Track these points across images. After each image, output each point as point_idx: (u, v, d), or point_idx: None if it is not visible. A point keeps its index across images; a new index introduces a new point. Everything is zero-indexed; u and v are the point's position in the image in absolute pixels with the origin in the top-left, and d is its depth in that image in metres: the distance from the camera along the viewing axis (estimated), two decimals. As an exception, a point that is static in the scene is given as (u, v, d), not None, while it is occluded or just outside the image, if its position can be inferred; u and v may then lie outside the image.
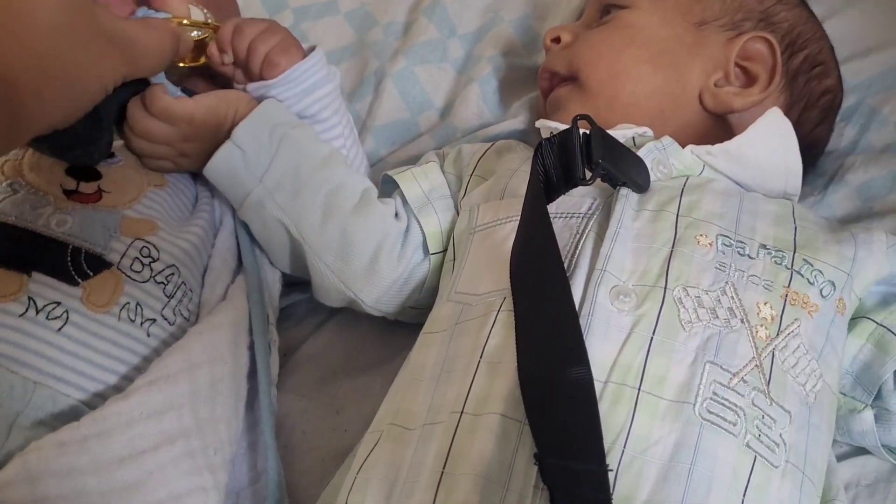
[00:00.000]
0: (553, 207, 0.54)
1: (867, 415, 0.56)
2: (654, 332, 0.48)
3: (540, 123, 0.66)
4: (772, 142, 0.62)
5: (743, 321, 0.49)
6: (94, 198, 0.58)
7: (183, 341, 0.55)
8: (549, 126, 0.64)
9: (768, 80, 0.65)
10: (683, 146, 0.60)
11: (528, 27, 0.88)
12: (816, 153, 0.72)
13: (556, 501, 0.43)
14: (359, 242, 0.64)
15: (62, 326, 0.52)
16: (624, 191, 0.54)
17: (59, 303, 0.52)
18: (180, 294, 0.59)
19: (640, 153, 0.57)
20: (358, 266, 0.64)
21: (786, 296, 0.51)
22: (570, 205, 0.56)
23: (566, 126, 0.53)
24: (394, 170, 0.70)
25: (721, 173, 0.60)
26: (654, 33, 0.68)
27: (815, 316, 0.52)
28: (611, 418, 0.45)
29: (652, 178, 0.56)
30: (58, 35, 0.42)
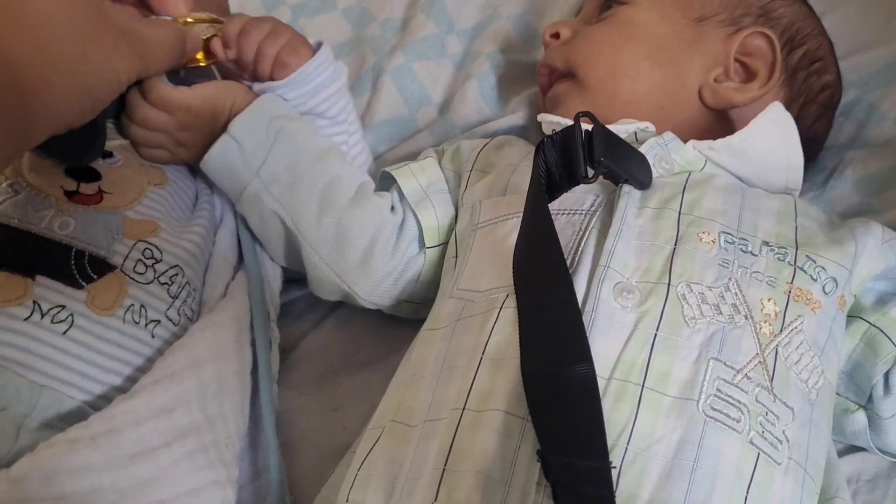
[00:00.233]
0: (556, 204, 0.54)
1: (860, 416, 0.57)
2: (657, 329, 0.48)
3: (541, 117, 0.66)
4: (773, 136, 0.61)
5: (747, 317, 0.49)
6: (96, 199, 0.58)
7: (185, 339, 0.55)
8: (551, 120, 0.64)
9: (768, 76, 0.65)
10: (684, 142, 0.60)
11: (526, 23, 0.88)
12: (815, 148, 0.72)
13: (559, 498, 0.43)
14: (354, 235, 0.64)
15: (67, 330, 0.52)
16: (626, 188, 0.54)
17: (63, 306, 0.52)
18: (185, 294, 0.59)
19: (641, 149, 0.57)
20: (352, 258, 0.64)
21: (789, 292, 0.51)
22: (573, 201, 0.56)
23: (568, 119, 0.52)
24: (391, 166, 0.70)
25: (723, 168, 0.60)
26: (653, 29, 0.68)
27: (818, 312, 0.52)
28: (614, 415, 0.45)
29: (654, 174, 0.56)
30: (61, 25, 0.42)
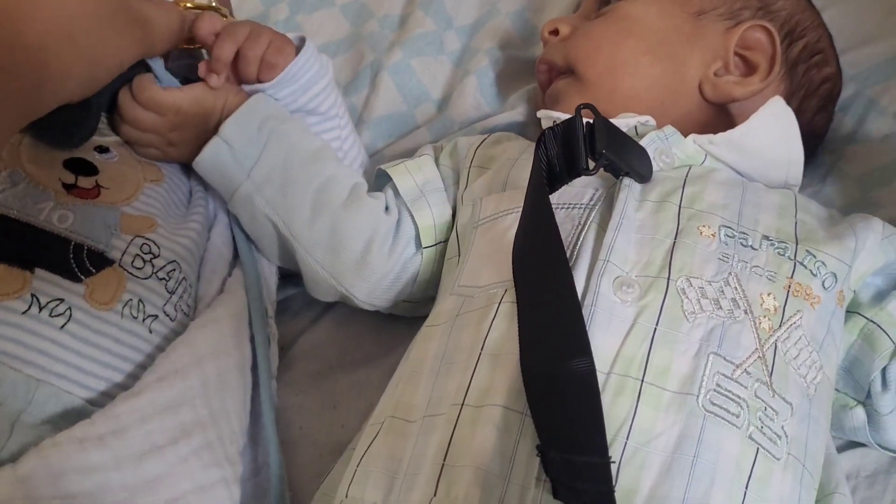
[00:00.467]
0: (555, 198, 0.54)
1: (859, 411, 0.56)
2: (657, 323, 0.48)
3: (542, 114, 0.66)
4: (774, 130, 0.61)
5: (746, 312, 0.49)
6: (93, 193, 0.58)
7: (186, 336, 0.55)
8: (551, 116, 0.64)
9: (768, 69, 0.65)
10: (685, 136, 0.59)
11: (525, 19, 0.88)
12: (815, 142, 0.72)
13: (559, 494, 0.43)
14: (348, 238, 0.63)
15: (65, 324, 0.51)
16: (626, 181, 0.54)
17: (62, 300, 0.52)
18: (181, 290, 0.59)
19: (642, 143, 0.57)
20: (348, 261, 0.64)
21: (789, 287, 0.51)
22: (572, 195, 0.56)
23: (568, 116, 0.52)
24: (387, 164, 0.69)
25: (723, 163, 0.60)
26: (652, 24, 0.67)
27: (817, 308, 0.52)
28: (614, 410, 0.45)
29: (654, 167, 0.56)
30: (86, 3, 0.41)
